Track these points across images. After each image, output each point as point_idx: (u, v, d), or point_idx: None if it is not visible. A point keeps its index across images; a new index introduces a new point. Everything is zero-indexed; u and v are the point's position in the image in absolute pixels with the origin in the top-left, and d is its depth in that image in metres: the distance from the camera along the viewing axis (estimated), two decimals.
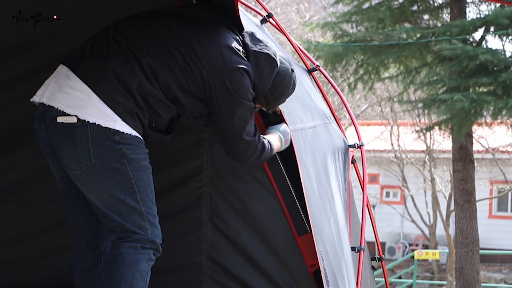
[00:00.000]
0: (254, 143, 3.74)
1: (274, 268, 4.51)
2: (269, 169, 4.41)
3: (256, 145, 3.76)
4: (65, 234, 4.02)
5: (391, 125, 21.58)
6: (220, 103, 3.63)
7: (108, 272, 3.54)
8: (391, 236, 25.19)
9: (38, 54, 4.47)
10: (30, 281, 4.77)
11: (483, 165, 21.69)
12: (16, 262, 4.78)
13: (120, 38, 3.61)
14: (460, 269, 12.18)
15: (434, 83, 11.75)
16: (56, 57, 3.86)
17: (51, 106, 3.51)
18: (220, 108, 3.64)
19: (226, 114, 3.65)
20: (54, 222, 4.67)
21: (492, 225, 24.14)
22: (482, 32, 12.03)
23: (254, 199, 4.48)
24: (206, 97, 3.64)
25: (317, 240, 3.71)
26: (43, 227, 4.75)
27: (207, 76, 3.59)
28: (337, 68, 12.51)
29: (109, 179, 3.48)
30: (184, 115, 3.69)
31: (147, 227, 3.55)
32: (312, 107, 4.34)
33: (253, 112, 3.73)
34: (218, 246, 4.55)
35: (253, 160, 3.81)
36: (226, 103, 3.63)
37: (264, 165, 4.40)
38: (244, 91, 3.63)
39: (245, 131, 3.70)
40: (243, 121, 3.68)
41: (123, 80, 3.51)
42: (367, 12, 12.32)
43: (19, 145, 4.66)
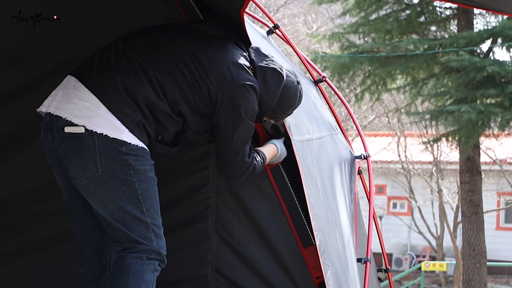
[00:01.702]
0: (247, 163, 3.81)
1: (280, 280, 4.50)
2: (275, 181, 4.40)
3: (249, 165, 3.82)
4: (71, 244, 4.02)
5: (398, 136, 21.56)
6: (224, 119, 3.65)
7: (114, 282, 3.54)
8: (398, 247, 25.12)
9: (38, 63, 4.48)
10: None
11: (490, 177, 21.65)
12: (21, 273, 4.78)
13: (129, 50, 3.62)
14: (467, 280, 12.14)
15: (441, 94, 11.74)
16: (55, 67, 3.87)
17: (59, 116, 3.52)
18: (223, 124, 3.66)
19: (227, 131, 3.67)
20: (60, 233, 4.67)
21: (499, 237, 24.05)
22: (490, 43, 12.03)
23: (260, 211, 4.47)
24: (210, 113, 3.65)
25: (321, 252, 3.70)
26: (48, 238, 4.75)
27: (214, 92, 3.60)
28: (344, 79, 12.51)
29: (115, 189, 3.49)
30: (189, 131, 3.70)
31: (152, 238, 3.56)
32: (318, 118, 4.34)
33: (252, 133, 3.77)
34: (224, 257, 4.55)
35: (244, 178, 3.91)
36: (229, 120, 3.65)
37: (270, 177, 4.40)
38: (249, 108, 3.65)
39: (243, 151, 3.75)
40: (242, 140, 3.71)
41: (131, 92, 3.52)
42: (374, 23, 12.32)
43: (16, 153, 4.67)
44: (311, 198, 3.81)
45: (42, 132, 3.64)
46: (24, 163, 4.64)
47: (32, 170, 4.62)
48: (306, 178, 3.84)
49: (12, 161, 4.66)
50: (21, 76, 4.50)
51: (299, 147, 3.96)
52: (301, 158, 3.91)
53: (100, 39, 3.87)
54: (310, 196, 3.80)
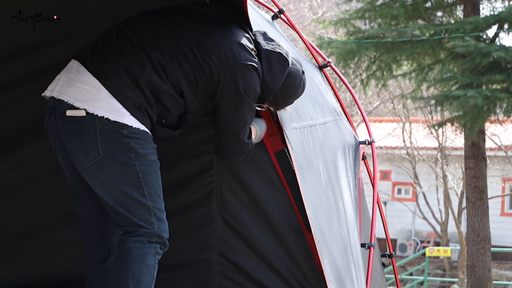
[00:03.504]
0: (247, 145, 3.80)
1: (284, 264, 4.50)
2: (279, 166, 4.41)
3: (248, 148, 3.81)
4: (75, 228, 4.03)
5: (403, 122, 21.55)
6: (225, 99, 3.64)
7: (116, 266, 3.55)
8: (403, 233, 25.16)
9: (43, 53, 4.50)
10: (40, 275, 4.79)
11: (495, 163, 21.64)
12: (26, 256, 4.80)
13: (132, 34, 3.62)
14: (472, 266, 12.14)
15: (447, 80, 11.71)
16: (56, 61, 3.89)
17: (61, 100, 3.53)
18: (224, 104, 3.65)
19: (229, 111, 3.67)
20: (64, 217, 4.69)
21: (504, 223, 24.08)
22: (496, 29, 11.99)
23: (264, 195, 4.48)
24: (213, 94, 3.65)
25: (317, 240, 3.71)
26: (53, 221, 4.77)
27: (217, 72, 3.60)
28: (350, 65, 12.48)
29: (116, 173, 3.49)
30: (190, 113, 3.70)
31: (153, 221, 3.56)
32: (323, 103, 4.34)
33: (254, 114, 3.76)
34: (228, 241, 4.56)
35: (239, 160, 3.89)
36: (231, 100, 3.64)
37: (274, 161, 4.40)
38: (251, 89, 3.64)
39: (243, 132, 3.74)
40: (243, 121, 3.70)
41: (132, 75, 3.52)
42: (380, 8, 12.28)
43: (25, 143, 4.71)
44: (307, 187, 3.80)
45: (46, 116, 3.65)
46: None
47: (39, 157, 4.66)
48: (303, 166, 3.83)
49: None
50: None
51: (298, 134, 3.95)
52: (299, 145, 3.91)
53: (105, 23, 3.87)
54: (306, 185, 3.79)
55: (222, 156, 3.89)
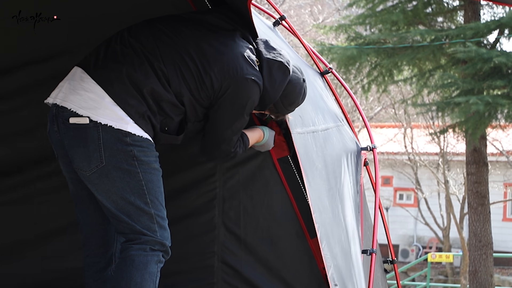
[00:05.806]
0: (229, 151, 3.79)
1: (286, 270, 4.51)
2: (282, 172, 4.41)
3: (230, 153, 3.80)
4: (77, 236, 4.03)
5: (405, 128, 21.53)
6: (222, 110, 3.65)
7: (118, 274, 3.55)
8: (405, 238, 25.12)
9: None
10: (41, 282, 4.79)
11: (497, 168, 21.62)
12: (27, 263, 4.80)
13: (135, 42, 3.63)
14: (474, 272, 12.13)
15: (448, 85, 11.71)
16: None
17: (64, 107, 3.53)
18: (219, 115, 3.66)
19: (222, 122, 3.68)
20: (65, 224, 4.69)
21: (506, 228, 24.03)
22: (497, 34, 11.98)
23: (266, 202, 4.48)
24: (210, 105, 3.65)
25: (323, 245, 3.71)
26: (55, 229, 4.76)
27: (217, 84, 3.60)
28: (351, 70, 12.48)
29: (119, 180, 3.49)
30: (190, 121, 3.70)
31: (156, 229, 3.56)
32: (324, 109, 4.34)
33: (243, 127, 3.76)
34: (230, 248, 4.56)
35: (221, 162, 3.94)
36: (227, 111, 3.65)
37: (277, 167, 4.40)
38: (249, 103, 3.65)
39: (229, 140, 3.74)
40: (232, 131, 3.72)
41: (136, 84, 3.52)
42: (381, 14, 12.28)
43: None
44: (314, 192, 3.80)
45: (48, 123, 3.65)
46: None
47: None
48: (308, 170, 3.83)
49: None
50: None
51: (302, 139, 3.96)
52: (304, 150, 3.91)
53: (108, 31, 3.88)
54: (312, 189, 3.80)
55: (206, 156, 3.88)
